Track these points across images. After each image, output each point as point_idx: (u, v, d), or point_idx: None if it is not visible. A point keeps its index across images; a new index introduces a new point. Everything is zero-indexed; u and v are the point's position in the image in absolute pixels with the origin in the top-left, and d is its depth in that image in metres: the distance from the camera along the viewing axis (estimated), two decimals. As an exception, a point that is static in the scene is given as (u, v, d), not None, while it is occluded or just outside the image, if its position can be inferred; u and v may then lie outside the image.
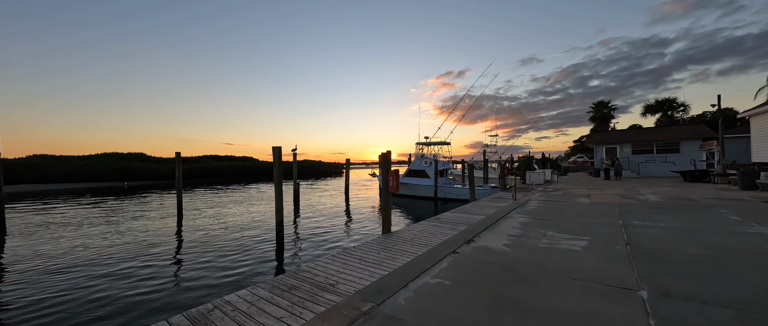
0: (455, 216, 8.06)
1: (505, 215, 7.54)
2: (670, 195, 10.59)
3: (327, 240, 9.85)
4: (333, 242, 9.67)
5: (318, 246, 9.18)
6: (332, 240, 9.85)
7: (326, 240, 9.84)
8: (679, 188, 12.78)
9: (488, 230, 5.88)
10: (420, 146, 23.26)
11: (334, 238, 10.15)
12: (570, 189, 13.95)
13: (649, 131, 23.88)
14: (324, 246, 9.08)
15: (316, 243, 9.50)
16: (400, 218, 14.20)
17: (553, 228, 5.87)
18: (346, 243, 9.34)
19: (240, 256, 8.04)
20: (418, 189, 21.19)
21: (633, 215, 6.97)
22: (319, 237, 10.35)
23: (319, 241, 9.76)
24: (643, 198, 10.01)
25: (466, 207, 9.55)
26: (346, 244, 9.17)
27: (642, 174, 22.07)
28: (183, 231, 11.31)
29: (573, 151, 57.69)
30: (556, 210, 7.96)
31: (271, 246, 8.80)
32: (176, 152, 14.04)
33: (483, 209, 9.16)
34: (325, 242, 9.66)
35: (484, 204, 10.39)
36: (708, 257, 3.84)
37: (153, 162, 48.53)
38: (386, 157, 6.57)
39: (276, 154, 8.49)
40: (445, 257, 4.20)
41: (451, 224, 6.96)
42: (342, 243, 9.56)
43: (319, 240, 9.95)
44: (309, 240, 9.89)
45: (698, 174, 15.03)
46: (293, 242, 9.67)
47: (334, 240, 9.94)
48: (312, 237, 10.24)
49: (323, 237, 10.33)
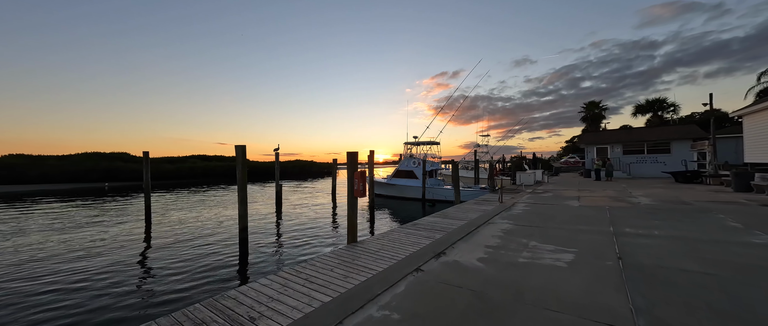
0: (434, 221, 7.41)
1: (488, 220, 6.90)
2: (663, 197, 10.10)
3: (300, 247, 9.11)
4: (306, 249, 8.93)
5: (288, 255, 8.44)
6: (305, 247, 9.11)
7: (299, 247, 9.11)
8: (671, 190, 12.34)
9: (465, 239, 5.23)
10: (408, 146, 22.58)
11: (307, 245, 9.41)
12: (560, 190, 13.43)
13: (640, 131, 23.62)
14: (293, 255, 8.33)
15: (286, 251, 8.75)
16: (383, 221, 13.52)
17: (538, 236, 5.24)
18: (316, 251, 8.61)
19: (195, 268, 7.26)
20: (406, 191, 20.54)
21: (625, 221, 6.39)
22: (293, 243, 9.60)
23: (291, 248, 9.02)
24: (634, 200, 9.49)
25: (448, 211, 8.91)
26: (314, 252, 8.44)
27: (633, 175, 21.75)
28: (141, 238, 10.46)
29: (565, 151, 57.75)
30: (542, 215, 7.36)
31: (234, 256, 8.03)
32: (144, 151, 13.14)
33: (466, 213, 8.54)
34: (297, 249, 8.92)
35: (469, 207, 9.77)
36: (714, 278, 3.22)
37: (137, 162, 47.01)
38: (353, 158, 5.88)
39: (239, 153, 7.74)
40: (405, 277, 3.52)
41: (428, 231, 6.30)
42: (314, 249, 8.83)
43: (291, 246, 9.20)
44: (281, 247, 9.13)
45: (690, 175, 14.66)
46: (262, 249, 8.90)
47: (307, 246, 9.21)
48: (286, 244, 9.49)
49: (296, 243, 9.58)
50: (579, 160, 41.15)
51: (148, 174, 13.12)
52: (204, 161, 55.12)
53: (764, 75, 19.04)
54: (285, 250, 8.82)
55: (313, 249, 8.85)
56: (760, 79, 19.23)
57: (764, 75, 19.04)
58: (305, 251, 8.66)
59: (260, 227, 11.83)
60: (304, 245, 9.33)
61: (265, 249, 8.89)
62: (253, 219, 13.41)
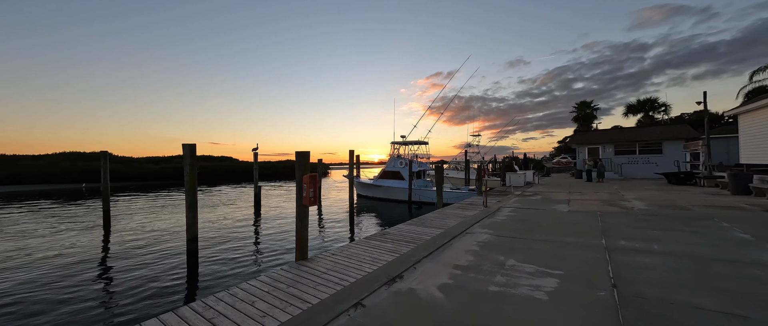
0: (408, 230, 6.58)
1: (466, 229, 6.10)
2: (657, 201, 9.44)
3: (251, 262, 8.21)
4: (256, 265, 8.03)
5: (239, 272, 7.52)
6: (258, 261, 8.21)
7: (250, 262, 8.20)
8: (665, 192, 11.72)
9: (433, 256, 4.40)
10: (395, 145, 21.75)
11: (264, 257, 8.52)
12: (549, 193, 12.74)
13: (632, 131, 23.17)
14: (243, 273, 7.40)
15: (239, 267, 7.80)
16: (363, 226, 12.67)
17: (518, 252, 4.44)
18: (269, 267, 7.71)
19: (129, 288, 6.31)
20: (392, 192, 19.72)
21: (619, 230, 5.64)
22: (250, 256, 8.69)
23: (247, 263, 8.10)
24: (628, 204, 8.80)
25: (427, 217, 8.11)
26: (265, 269, 7.53)
27: (624, 176, 21.26)
28: (86, 248, 9.43)
29: (557, 151, 57.59)
30: (527, 223, 6.58)
31: (182, 271, 7.09)
32: (102, 151, 12.06)
33: (445, 219, 7.74)
34: (246, 266, 8.01)
35: (451, 212, 8.98)
36: (742, 322, 2.44)
37: (119, 162, 45.47)
38: (303, 159, 5.01)
39: (186, 152, 6.81)
40: (338, 317, 2.68)
41: (395, 242, 5.47)
42: (268, 265, 7.93)
43: (247, 261, 8.28)
44: (238, 259, 8.20)
45: (683, 176, 14.10)
46: (218, 262, 7.98)
47: (261, 260, 8.31)
48: (243, 257, 8.55)
49: (251, 256, 8.67)
50: (571, 161, 40.82)
51: (106, 174, 12.05)
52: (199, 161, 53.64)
53: (757, 74, 18.67)
54: (240, 265, 7.88)
55: (268, 263, 7.90)
56: (753, 78, 18.87)
57: (757, 74, 18.67)
58: (255, 267, 7.74)
59: (227, 235, 10.86)
60: (259, 257, 8.42)
61: (221, 263, 7.93)
62: (226, 225, 12.44)
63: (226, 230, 11.56)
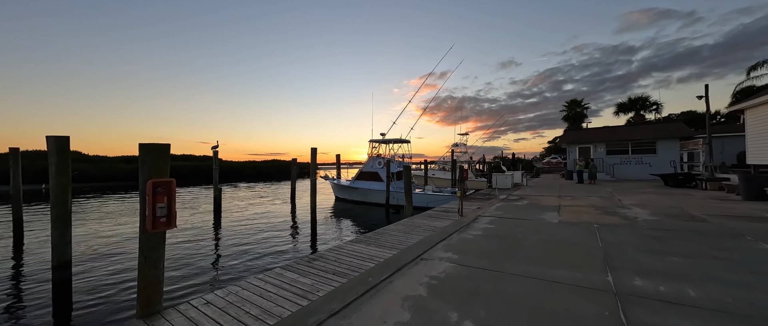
0: (350, 251, 4.99)
1: (422, 254, 4.52)
2: (662, 208, 8.04)
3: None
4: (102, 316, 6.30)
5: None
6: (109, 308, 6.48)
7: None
8: (667, 196, 10.39)
9: (345, 314, 2.80)
10: (374, 144, 20.07)
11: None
12: (538, 196, 11.30)
13: (624, 130, 22.04)
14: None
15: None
16: (323, 238, 10.97)
17: (480, 301, 2.87)
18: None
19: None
20: (369, 195, 18.09)
21: (626, 256, 4.13)
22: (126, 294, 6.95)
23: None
24: (629, 213, 7.36)
25: (386, 230, 6.54)
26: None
27: (616, 177, 20.09)
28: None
29: (548, 151, 56.90)
30: (506, 241, 5.04)
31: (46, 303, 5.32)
32: (11, 148, 10.13)
33: (406, 234, 6.16)
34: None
35: (418, 222, 7.42)
36: None
37: (87, 161, 42.77)
38: (151, 154, 3.35)
39: (51, 148, 5.08)
40: None
41: (314, 278, 3.86)
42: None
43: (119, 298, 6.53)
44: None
45: (682, 178, 12.85)
46: (102, 287, 6.22)
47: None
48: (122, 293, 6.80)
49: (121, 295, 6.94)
50: (561, 161, 39.90)
51: (17, 177, 10.11)
52: (172, 161, 50.92)
53: (754, 69, 17.69)
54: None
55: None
56: (750, 73, 17.88)
57: (754, 69, 17.69)
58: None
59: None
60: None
61: (104, 291, 6.13)
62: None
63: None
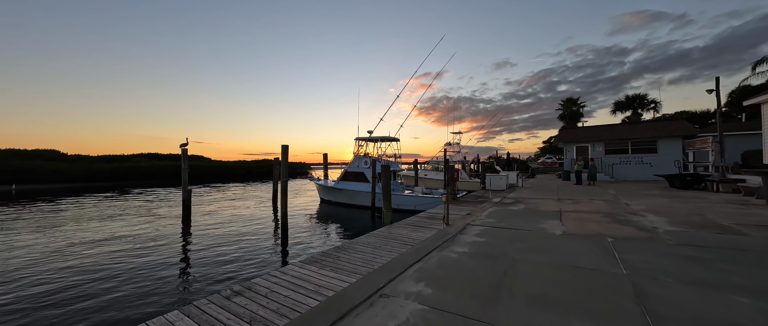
0: (294, 279, 3.75)
1: (388, 284, 3.30)
2: (679, 214, 6.93)
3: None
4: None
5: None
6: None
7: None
8: (678, 200, 9.31)
9: None
10: (360, 142, 18.79)
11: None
12: (535, 200, 10.16)
13: (624, 128, 21.09)
14: None
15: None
16: (297, 248, 9.69)
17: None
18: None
19: None
20: (355, 197, 16.85)
21: (667, 291, 2.95)
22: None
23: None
24: (644, 222, 6.23)
25: (351, 246, 5.32)
26: None
27: (616, 178, 19.13)
28: None
29: (542, 151, 56.19)
30: (498, 265, 3.84)
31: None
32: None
33: (377, 251, 4.95)
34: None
35: (396, 233, 6.21)
36: None
37: (67, 161, 40.84)
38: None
39: None
40: None
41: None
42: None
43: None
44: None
45: (690, 179, 11.83)
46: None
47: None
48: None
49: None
50: (556, 161, 39.05)
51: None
52: (156, 160, 48.98)
53: (760, 65, 16.82)
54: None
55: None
56: (756, 68, 17.01)
57: (760, 65, 16.82)
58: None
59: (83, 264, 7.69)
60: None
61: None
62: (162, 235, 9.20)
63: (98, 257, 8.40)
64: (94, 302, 5.47)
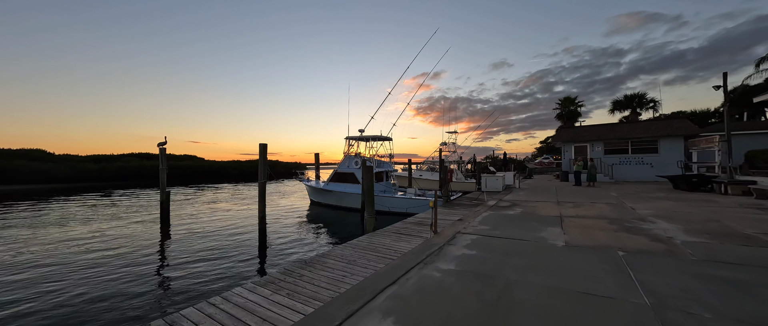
0: (234, 308, 3.00)
1: (347, 319, 2.56)
2: (693, 221, 6.24)
3: None
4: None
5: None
6: None
7: None
8: (687, 204, 8.65)
9: None
10: (351, 142, 17.99)
11: None
12: (532, 202, 9.46)
13: (624, 127, 20.48)
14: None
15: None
16: (279, 250, 8.91)
17: None
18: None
19: None
20: (344, 199, 16.08)
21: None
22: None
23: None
24: (655, 229, 5.53)
25: (322, 260, 4.58)
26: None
27: (616, 178, 18.51)
28: None
29: (539, 152, 55.74)
30: (490, 288, 3.11)
31: None
32: None
33: (348, 268, 4.21)
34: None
35: (376, 243, 5.48)
36: None
37: (53, 161, 39.72)
38: None
39: None
40: None
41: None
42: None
43: None
44: None
45: (696, 180, 11.19)
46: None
47: None
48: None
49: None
50: (553, 161, 38.48)
51: None
52: (146, 160, 47.82)
53: (763, 62, 16.28)
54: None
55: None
56: (759, 66, 16.48)
57: (763, 62, 16.28)
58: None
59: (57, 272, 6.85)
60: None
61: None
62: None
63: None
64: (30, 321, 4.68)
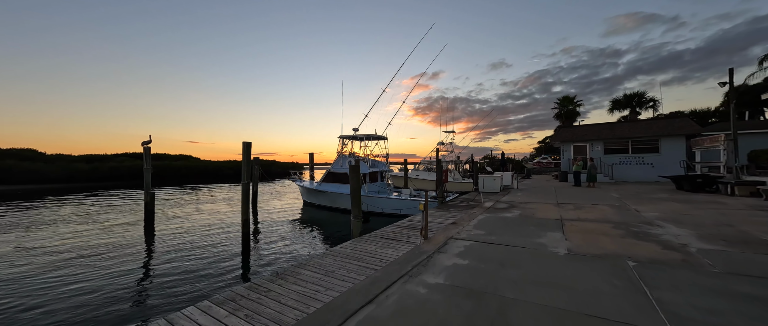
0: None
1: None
2: (704, 225, 5.78)
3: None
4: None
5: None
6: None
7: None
8: (693, 206, 8.20)
9: None
10: (344, 140, 17.46)
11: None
12: (531, 204, 8.99)
13: (624, 126, 20.07)
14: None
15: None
16: (266, 255, 8.38)
17: None
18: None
19: None
20: (337, 199, 15.57)
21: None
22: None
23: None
24: (665, 235, 5.06)
25: (296, 269, 4.10)
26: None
27: (616, 179, 18.09)
28: None
29: (538, 152, 55.41)
30: (483, 308, 2.62)
31: None
32: None
33: (324, 281, 3.73)
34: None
35: (361, 250, 4.99)
36: None
37: (44, 160, 39.04)
38: None
39: None
40: None
41: None
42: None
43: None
44: None
45: (701, 180, 10.76)
46: None
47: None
48: None
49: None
50: (551, 161, 38.11)
51: None
52: (139, 160, 47.13)
53: (766, 59, 15.91)
54: None
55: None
56: (762, 63, 16.10)
57: (766, 59, 15.91)
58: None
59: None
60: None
61: None
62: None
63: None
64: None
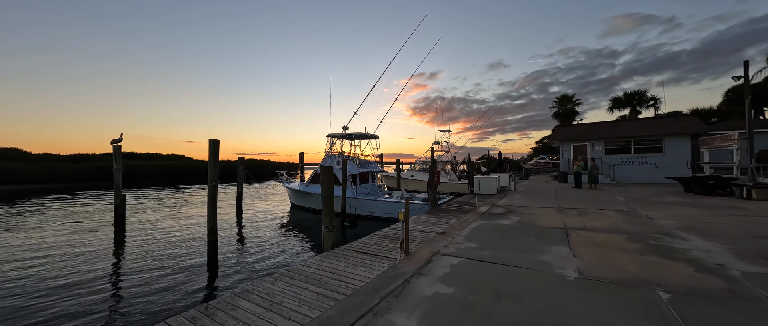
0: None
1: None
2: (733, 235, 4.95)
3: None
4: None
5: None
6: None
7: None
8: (710, 211, 7.38)
9: None
10: (333, 139, 16.53)
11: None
12: (531, 208, 8.14)
13: (626, 125, 19.31)
14: None
15: None
16: (234, 266, 7.45)
17: None
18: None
19: None
20: (325, 202, 14.67)
21: None
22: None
23: None
24: (692, 251, 4.22)
25: (236, 302, 3.18)
26: None
27: (618, 180, 17.33)
28: None
29: (535, 152, 54.73)
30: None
31: None
32: None
33: (276, 308, 2.81)
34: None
35: (330, 268, 4.10)
36: None
37: (28, 160, 37.85)
38: None
39: None
40: None
41: None
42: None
43: None
44: None
45: (713, 183, 9.97)
46: None
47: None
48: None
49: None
50: (549, 162, 37.38)
51: None
52: (128, 159, 45.93)
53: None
54: None
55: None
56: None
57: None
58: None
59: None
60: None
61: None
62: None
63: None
64: None
